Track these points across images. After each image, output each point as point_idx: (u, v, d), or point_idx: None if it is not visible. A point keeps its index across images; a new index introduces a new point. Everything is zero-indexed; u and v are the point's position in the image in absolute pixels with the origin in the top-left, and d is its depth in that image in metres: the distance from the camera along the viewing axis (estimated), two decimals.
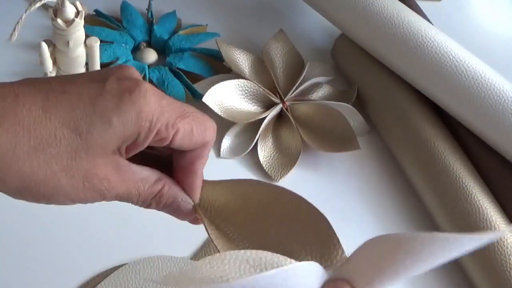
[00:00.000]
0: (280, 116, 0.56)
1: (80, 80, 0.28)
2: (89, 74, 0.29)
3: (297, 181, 0.53)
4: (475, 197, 0.48)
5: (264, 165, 0.53)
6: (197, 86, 0.55)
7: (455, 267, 0.49)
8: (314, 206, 0.29)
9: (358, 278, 0.26)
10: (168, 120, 0.29)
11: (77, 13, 0.43)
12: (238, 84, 0.54)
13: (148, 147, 0.30)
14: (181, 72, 0.55)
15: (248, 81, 0.54)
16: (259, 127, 0.53)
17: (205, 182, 0.33)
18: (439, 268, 0.52)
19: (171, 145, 0.30)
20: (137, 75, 0.30)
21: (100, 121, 0.27)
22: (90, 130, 0.27)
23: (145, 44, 0.59)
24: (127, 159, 0.30)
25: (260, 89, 0.54)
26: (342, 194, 0.52)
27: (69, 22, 0.43)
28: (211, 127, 0.31)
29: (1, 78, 0.55)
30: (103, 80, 0.28)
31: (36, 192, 0.27)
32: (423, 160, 0.51)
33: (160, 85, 0.54)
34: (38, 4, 0.43)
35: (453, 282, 0.48)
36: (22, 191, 0.27)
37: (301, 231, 0.29)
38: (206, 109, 0.52)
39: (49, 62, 0.45)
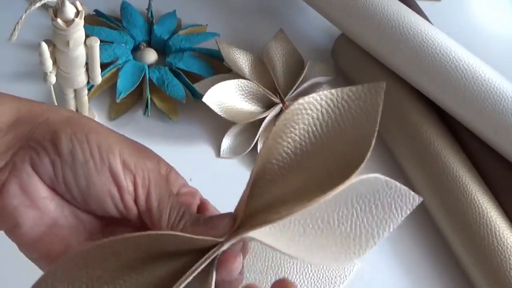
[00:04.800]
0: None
1: None
2: None
3: None
4: (475, 197, 0.48)
5: None
6: (197, 86, 0.55)
7: (455, 267, 0.49)
8: None
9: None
10: None
11: (77, 13, 0.43)
12: (238, 84, 0.54)
13: None
14: (181, 72, 0.55)
15: (248, 81, 0.54)
16: (259, 127, 0.53)
17: None
18: (439, 268, 0.52)
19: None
20: None
21: None
22: None
23: (145, 44, 0.59)
24: None
25: (260, 89, 0.54)
26: None
27: (69, 22, 0.43)
28: None
29: (1, 78, 0.55)
30: None
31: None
32: (423, 160, 0.51)
33: (160, 85, 0.54)
34: (38, 4, 0.43)
35: (453, 282, 0.48)
36: None
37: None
38: (206, 109, 0.52)
39: (49, 62, 0.45)
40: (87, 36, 0.45)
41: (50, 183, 0.28)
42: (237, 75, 0.56)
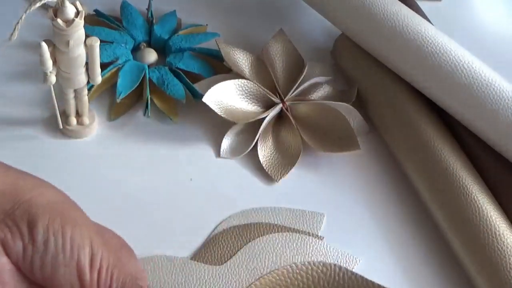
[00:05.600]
0: (280, 116, 0.56)
1: None
2: None
3: (297, 181, 0.53)
4: (475, 197, 0.48)
5: (264, 165, 0.53)
6: (197, 86, 0.55)
7: (455, 267, 0.49)
8: None
9: None
10: None
11: (77, 13, 0.43)
12: (238, 84, 0.54)
13: None
14: (181, 72, 0.55)
15: (248, 81, 0.54)
16: (259, 127, 0.53)
17: None
18: (439, 268, 0.52)
19: None
20: None
21: None
22: None
23: (145, 44, 0.59)
24: None
25: (260, 89, 0.54)
26: (342, 194, 0.52)
27: (69, 22, 0.43)
28: None
29: (1, 78, 0.55)
30: None
31: None
32: (423, 160, 0.51)
33: (160, 85, 0.54)
34: (38, 4, 0.43)
35: (453, 282, 0.48)
36: None
37: None
38: (206, 109, 0.52)
39: (49, 62, 0.45)
40: (87, 36, 0.45)
41: (16, 261, 0.29)
42: (237, 75, 0.56)
